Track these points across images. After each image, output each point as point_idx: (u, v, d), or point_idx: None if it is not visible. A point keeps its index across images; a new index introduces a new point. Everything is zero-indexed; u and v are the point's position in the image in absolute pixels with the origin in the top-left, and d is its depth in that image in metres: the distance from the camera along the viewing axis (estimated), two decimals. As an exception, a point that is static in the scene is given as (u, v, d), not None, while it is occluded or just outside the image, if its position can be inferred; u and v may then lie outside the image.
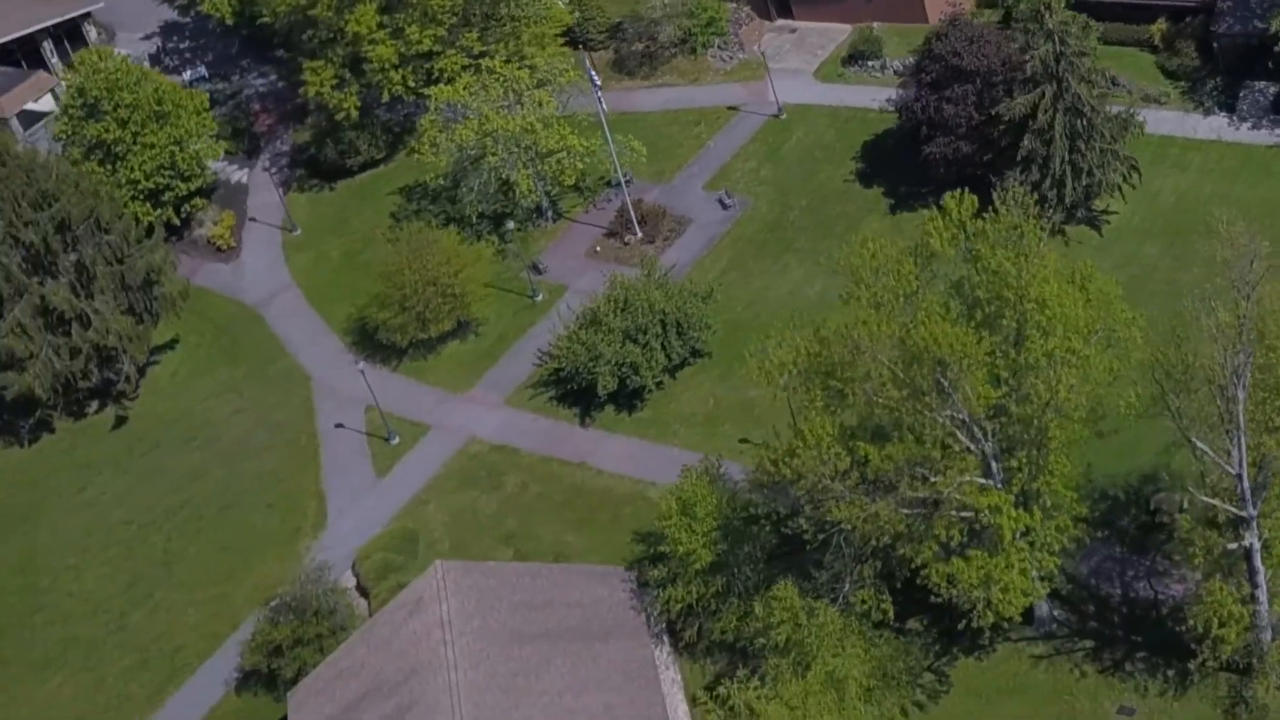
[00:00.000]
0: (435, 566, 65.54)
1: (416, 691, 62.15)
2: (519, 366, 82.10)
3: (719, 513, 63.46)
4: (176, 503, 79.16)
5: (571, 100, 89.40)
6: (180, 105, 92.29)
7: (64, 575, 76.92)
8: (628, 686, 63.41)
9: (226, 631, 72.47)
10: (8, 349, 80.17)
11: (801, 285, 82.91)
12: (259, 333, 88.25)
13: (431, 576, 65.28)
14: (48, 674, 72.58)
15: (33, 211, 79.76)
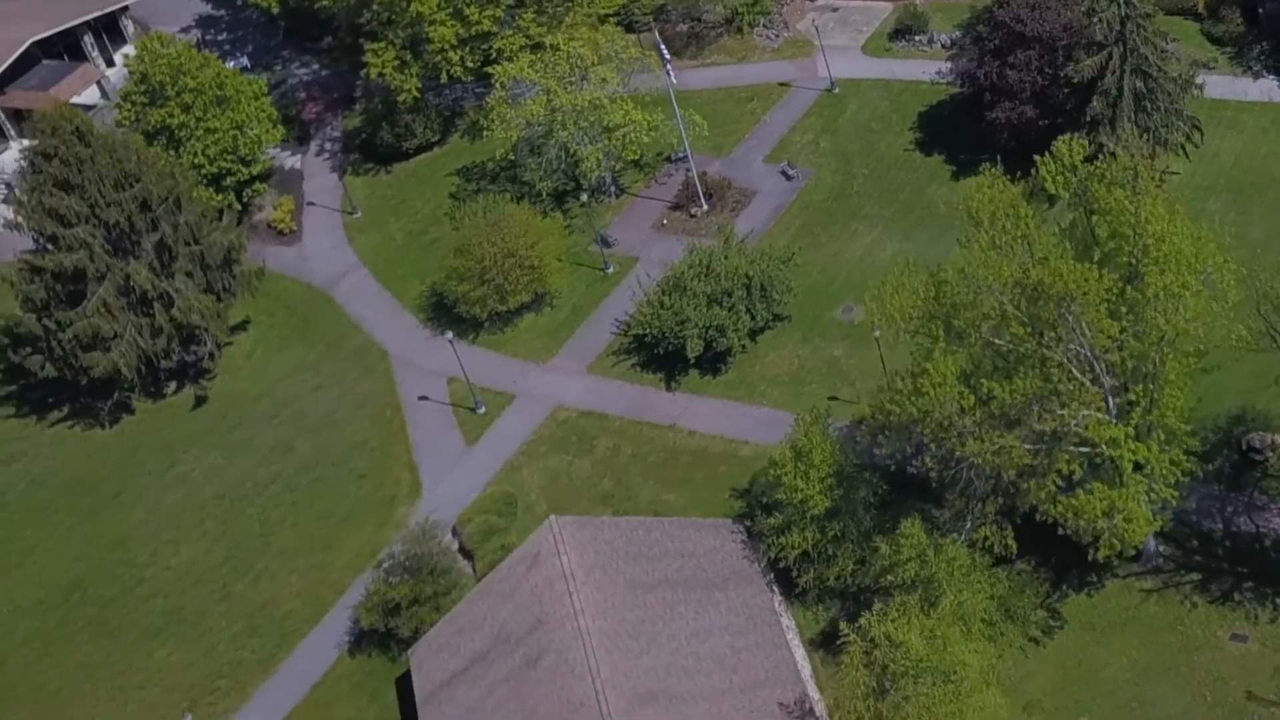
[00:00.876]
0: (550, 522, 67.49)
1: (545, 641, 64.09)
2: (597, 335, 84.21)
3: (832, 460, 65.71)
4: (267, 476, 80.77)
5: (631, 78, 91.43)
6: (240, 90, 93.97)
7: (162, 549, 78.37)
8: (751, 631, 65.59)
9: (332, 597, 74.16)
10: (93, 328, 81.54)
11: (872, 250, 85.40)
12: (330, 312, 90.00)
13: (546, 532, 67.24)
14: (156, 644, 74.08)
15: (115, 192, 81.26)
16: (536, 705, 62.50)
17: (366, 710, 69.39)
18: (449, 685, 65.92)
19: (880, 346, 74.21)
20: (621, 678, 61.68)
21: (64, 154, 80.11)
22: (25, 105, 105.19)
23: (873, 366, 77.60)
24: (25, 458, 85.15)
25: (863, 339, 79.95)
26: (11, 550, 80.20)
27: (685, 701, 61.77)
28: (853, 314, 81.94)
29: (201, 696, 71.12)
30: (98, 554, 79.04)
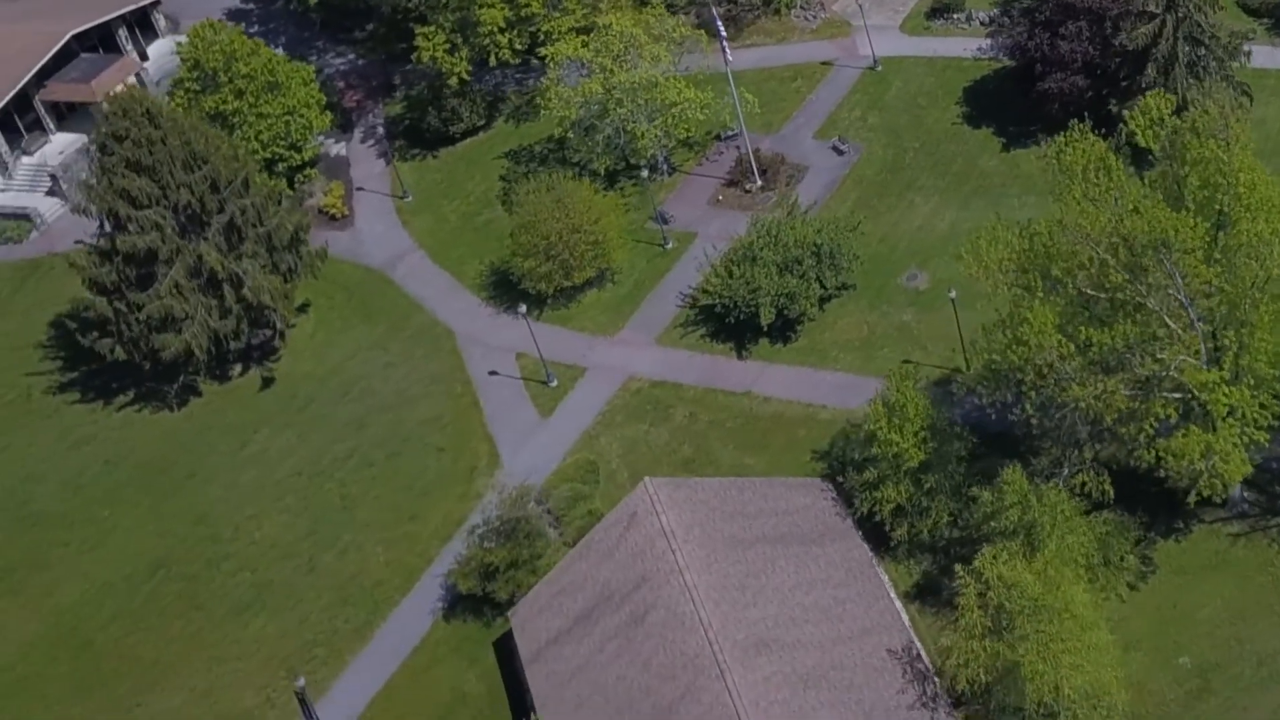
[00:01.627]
0: (645, 483, 69.40)
1: (650, 597, 65.97)
2: (663, 308, 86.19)
3: (925, 414, 67.89)
4: (343, 452, 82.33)
5: (681, 58, 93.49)
6: (291, 76, 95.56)
7: (245, 525, 79.81)
8: (851, 583, 67.68)
9: (421, 566, 75.79)
10: (166, 309, 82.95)
11: (931, 219, 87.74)
12: (390, 293, 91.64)
13: (642, 493, 69.15)
14: (248, 616, 75.50)
15: (184, 173, 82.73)
16: (649, 659, 64.33)
17: (466, 673, 70.99)
18: (554, 644, 67.64)
19: (955, 308, 76.40)
20: (732, 629, 63.61)
21: (135, 136, 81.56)
22: (66, 98, 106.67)
23: (943, 330, 79.92)
24: (96, 440, 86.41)
25: (930, 305, 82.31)
26: (92, 530, 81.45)
27: (796, 650, 63.70)
28: (918, 280, 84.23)
29: (299, 665, 72.48)
30: (179, 531, 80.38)
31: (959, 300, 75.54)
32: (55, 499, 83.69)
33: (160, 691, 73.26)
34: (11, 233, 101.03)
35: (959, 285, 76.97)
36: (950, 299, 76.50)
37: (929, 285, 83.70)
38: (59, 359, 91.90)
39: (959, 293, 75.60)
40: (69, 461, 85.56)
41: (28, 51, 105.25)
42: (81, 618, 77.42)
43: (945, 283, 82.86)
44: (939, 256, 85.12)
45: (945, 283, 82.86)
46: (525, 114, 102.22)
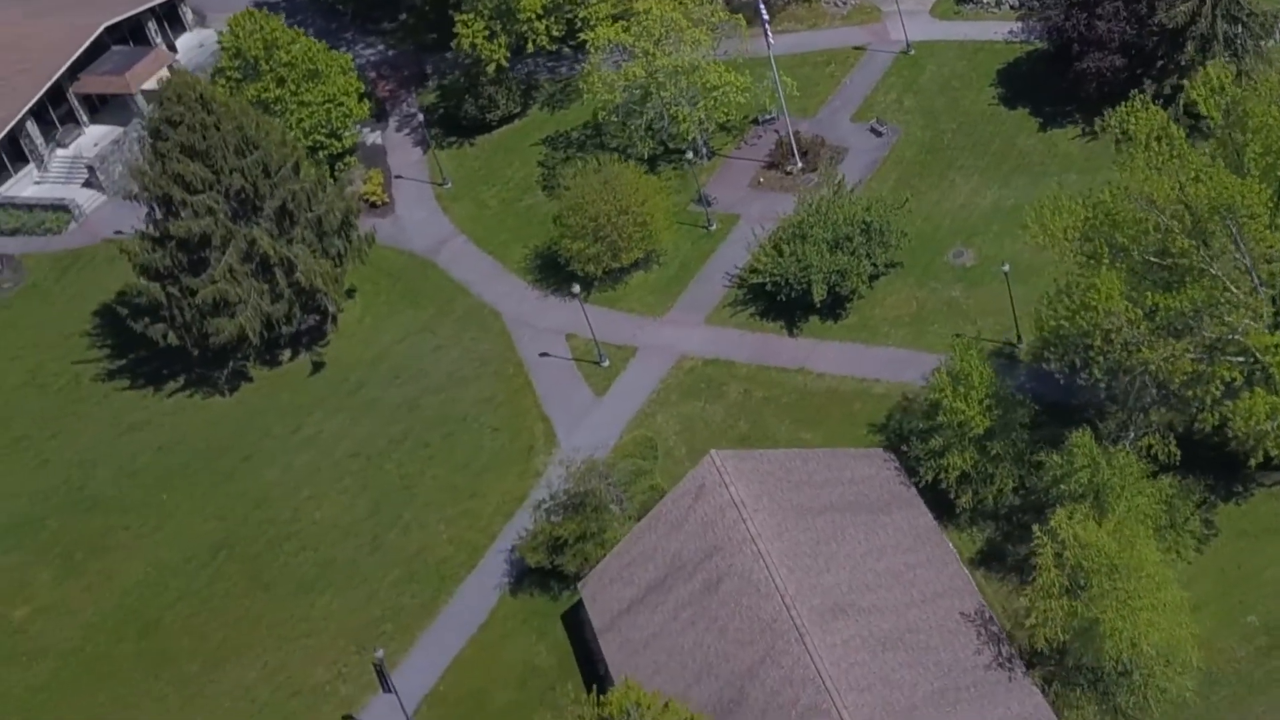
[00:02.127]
0: (711, 455, 70.75)
1: (723, 565, 67.33)
2: (710, 289, 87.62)
3: (989, 382, 69.44)
4: (398, 433, 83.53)
5: (720, 42, 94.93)
6: (330, 65, 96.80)
7: (304, 506, 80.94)
8: (919, 549, 69.16)
9: (484, 543, 77.03)
10: (220, 294, 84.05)
11: (972, 198, 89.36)
12: (435, 278, 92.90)
13: (709, 465, 70.51)
14: (314, 594, 76.65)
15: (237, 158, 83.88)
16: (725, 625, 65.67)
17: (536, 645, 72.22)
18: (627, 614, 68.94)
19: (1009, 282, 78.01)
20: (807, 594, 65.00)
21: (189, 120, 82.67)
22: (100, 90, 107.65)
23: (992, 305, 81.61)
24: (149, 426, 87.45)
25: (978, 281, 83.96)
26: (150, 514, 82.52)
27: (871, 614, 65.13)
28: (964, 258, 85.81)
29: (368, 641, 73.64)
30: (238, 513, 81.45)
31: (1008, 275, 77.20)
32: (110, 484, 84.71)
33: (230, 668, 74.30)
34: (50, 224, 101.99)
35: (1008, 261, 78.95)
36: (1003, 273, 78.11)
37: (975, 262, 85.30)
38: (106, 346, 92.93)
39: (1009, 268, 77.37)
40: (122, 447, 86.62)
41: (61, 44, 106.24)
42: (145, 599, 78.47)
43: (991, 259, 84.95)
44: (983, 234, 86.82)
45: (991, 259, 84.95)
46: (560, 101, 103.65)
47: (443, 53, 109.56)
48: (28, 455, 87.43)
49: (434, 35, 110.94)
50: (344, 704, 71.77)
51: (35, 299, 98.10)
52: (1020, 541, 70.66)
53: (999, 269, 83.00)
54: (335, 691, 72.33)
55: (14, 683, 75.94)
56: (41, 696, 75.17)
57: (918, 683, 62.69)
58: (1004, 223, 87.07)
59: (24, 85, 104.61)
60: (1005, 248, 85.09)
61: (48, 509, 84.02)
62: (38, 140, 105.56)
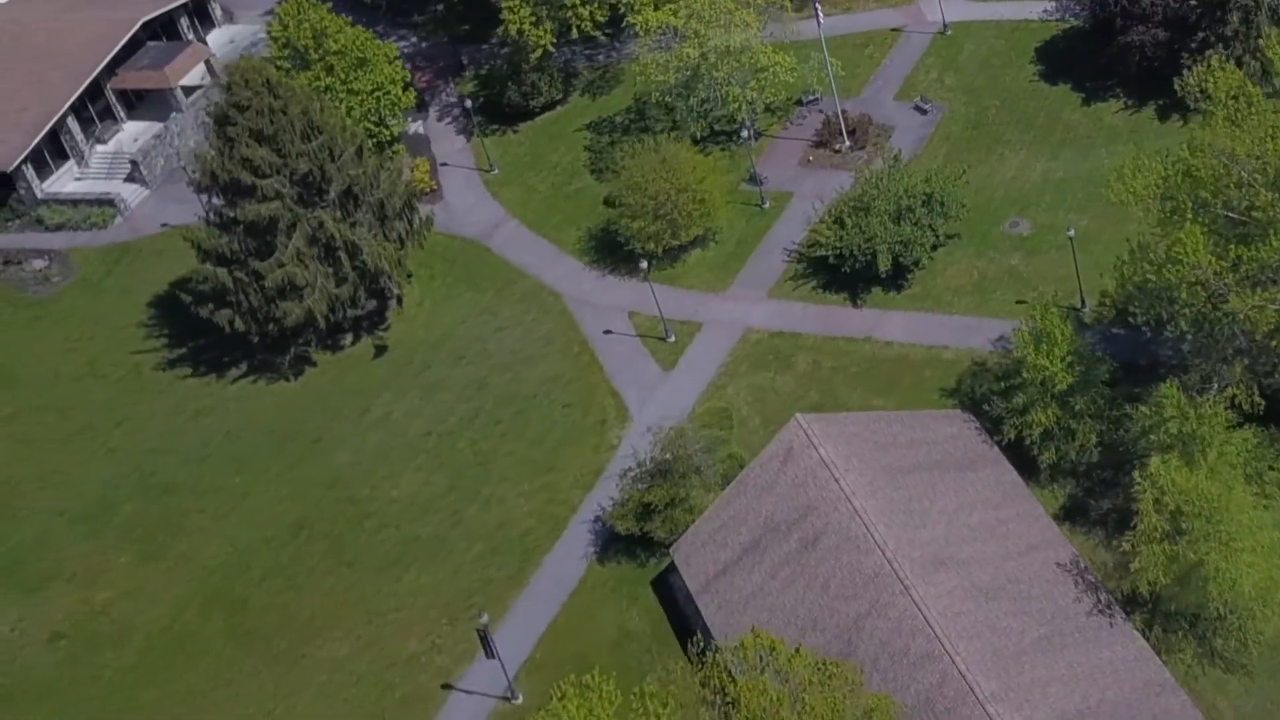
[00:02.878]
0: (796, 419, 72.65)
1: (819, 524, 69.21)
2: (770, 264, 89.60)
3: (1071, 339, 71.62)
4: (469, 412, 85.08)
5: (766, 24, 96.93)
6: (376, 53, 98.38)
7: (380, 485, 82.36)
8: (1009, 504, 71.20)
9: (566, 515, 78.64)
10: (289, 277, 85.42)
11: (1022, 170, 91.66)
12: (491, 261, 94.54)
13: (794, 429, 72.40)
14: (400, 570, 78.03)
15: (303, 142, 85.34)
16: (827, 580, 67.53)
17: (628, 611, 73.83)
18: (723, 575, 70.67)
19: (1073, 245, 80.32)
20: (906, 548, 66.92)
21: (257, 105, 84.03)
22: (138, 85, 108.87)
23: (1052, 272, 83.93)
24: (215, 412, 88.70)
25: (1035, 249, 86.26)
26: (224, 497, 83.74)
27: (970, 566, 67.09)
28: (1020, 227, 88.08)
29: (459, 613, 75.16)
30: (314, 494, 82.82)
31: (1073, 240, 79.68)
32: (181, 469, 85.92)
33: (322, 643, 75.60)
34: (96, 218, 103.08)
35: (1064, 229, 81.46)
36: (1068, 238, 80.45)
37: (1032, 231, 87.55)
38: (164, 336, 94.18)
39: (1073, 233, 79.91)
40: (189, 433, 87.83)
41: (97, 40, 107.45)
42: (229, 578, 79.69)
43: (1047, 228, 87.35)
44: (1036, 205, 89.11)
45: (1047, 228, 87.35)
46: (600, 88, 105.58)
47: (478, 44, 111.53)
48: (94, 444, 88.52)
49: (466, 27, 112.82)
50: (441, 674, 73.17)
51: (86, 292, 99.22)
52: (1101, 497, 72.96)
53: (1055, 238, 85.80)
54: (431, 662, 73.70)
55: (104, 664, 77.04)
56: (132, 677, 76.29)
57: (1023, 630, 64.65)
58: (1055, 193, 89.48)
59: (63, 81, 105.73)
60: (1060, 217, 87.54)
61: (120, 495, 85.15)
62: (78, 136, 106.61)
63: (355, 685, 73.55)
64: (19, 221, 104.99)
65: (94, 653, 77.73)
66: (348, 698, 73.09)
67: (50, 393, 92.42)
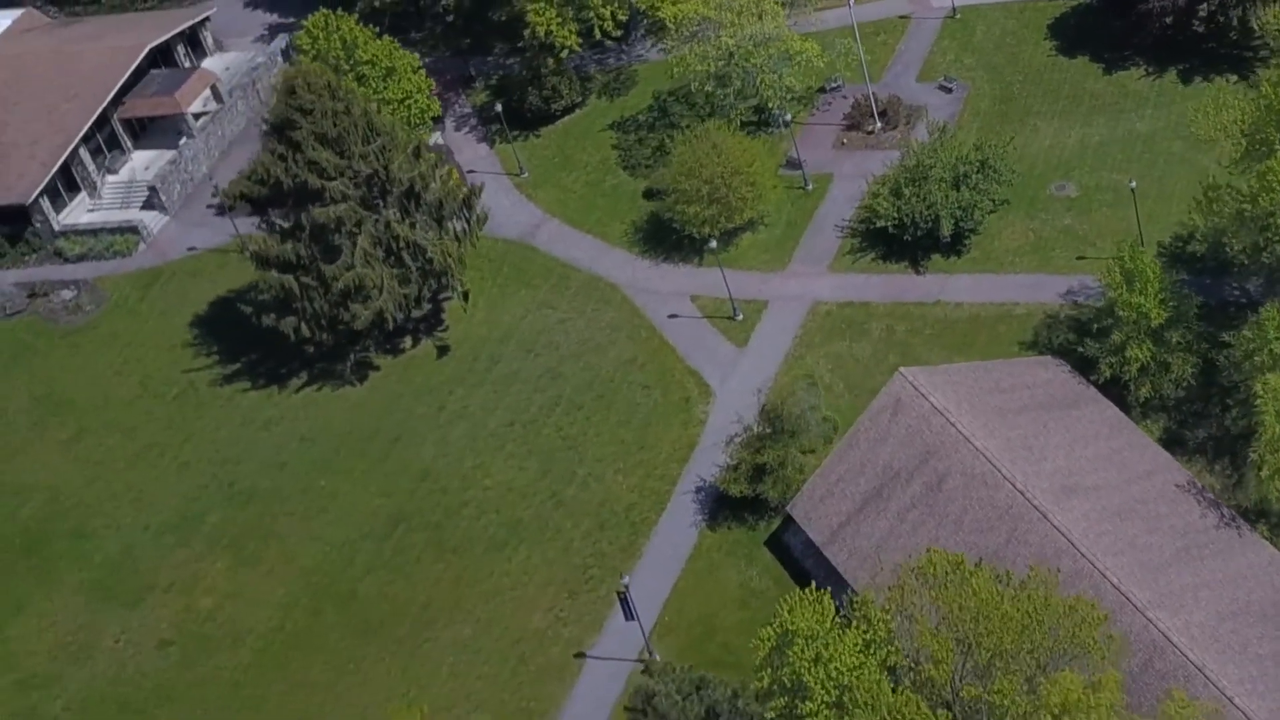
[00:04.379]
0: (901, 373, 77.42)
1: (942, 467, 73.79)
2: (825, 241, 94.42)
3: (1160, 276, 77.10)
4: (548, 400, 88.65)
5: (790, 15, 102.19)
6: (402, 62, 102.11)
7: (471, 475, 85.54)
8: (1117, 436, 76.28)
9: (666, 488, 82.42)
10: (358, 279, 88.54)
11: (1058, 139, 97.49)
12: (539, 258, 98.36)
13: (900, 382, 77.18)
14: (509, 551, 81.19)
15: (364, 145, 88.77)
16: (959, 518, 72.01)
17: (747, 571, 77.67)
18: (847, 525, 74.90)
19: (1135, 197, 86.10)
20: (1034, 480, 71.65)
21: (320, 108, 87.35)
22: (148, 112, 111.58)
23: (1107, 228, 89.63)
24: (285, 421, 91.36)
25: (1086, 209, 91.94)
26: (312, 499, 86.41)
27: (1098, 491, 71.97)
28: (1067, 189, 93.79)
29: (578, 587, 78.54)
30: (405, 488, 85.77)
31: (1135, 191, 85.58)
32: (261, 476, 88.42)
33: (441, 627, 78.45)
34: (120, 246, 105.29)
35: (1110, 187, 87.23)
36: (1130, 189, 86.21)
37: (1079, 193, 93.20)
38: (214, 354, 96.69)
39: (1135, 184, 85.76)
40: (262, 442, 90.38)
41: (103, 69, 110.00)
42: (333, 575, 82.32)
43: (1093, 189, 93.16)
44: (1078, 168, 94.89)
45: (1093, 189, 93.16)
46: (615, 89, 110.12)
47: (483, 56, 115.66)
48: (164, 460, 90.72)
49: (468, 40, 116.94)
50: (572, 644, 76.40)
51: (122, 317, 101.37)
52: (1196, 427, 78.23)
53: (1103, 196, 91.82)
54: (559, 635, 76.88)
55: (221, 664, 79.26)
56: (253, 674, 78.59)
57: (1161, 545, 69.53)
58: (1095, 157, 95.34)
59: (73, 112, 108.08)
60: (1103, 178, 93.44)
61: (203, 506, 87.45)
62: (89, 167, 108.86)
63: (485, 663, 76.49)
64: (37, 255, 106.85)
65: (207, 656, 79.91)
66: (480, 675, 76.02)
67: (108, 415, 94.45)
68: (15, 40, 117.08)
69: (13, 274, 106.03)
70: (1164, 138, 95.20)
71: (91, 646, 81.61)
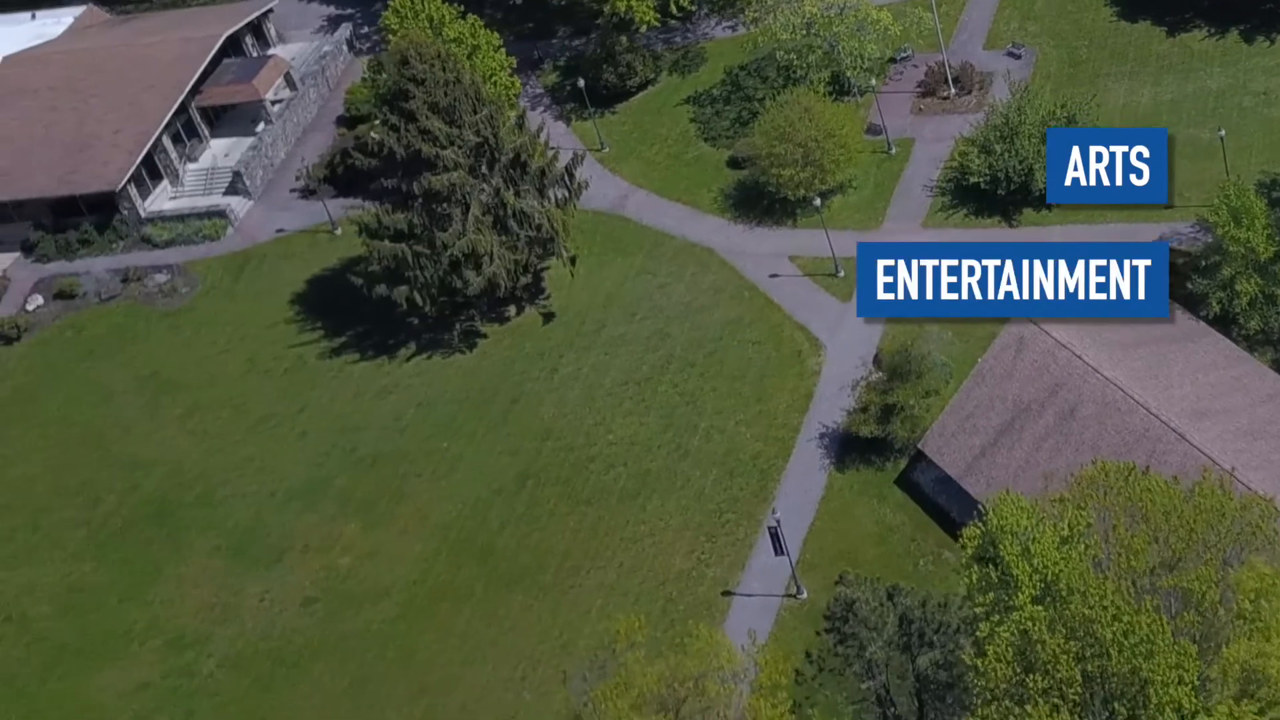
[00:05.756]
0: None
1: (1072, 398, 77.79)
2: (915, 200, 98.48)
3: (1265, 212, 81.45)
4: (660, 359, 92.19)
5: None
6: (485, 41, 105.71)
7: (593, 432, 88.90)
8: (1234, 365, 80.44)
9: (790, 436, 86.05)
10: (471, 245, 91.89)
11: (1131, 98, 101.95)
12: (630, 228, 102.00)
13: (1018, 322, 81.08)
14: (642, 500, 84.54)
15: (472, 115, 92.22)
16: (1095, 443, 75.87)
17: (880, 509, 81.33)
18: (982, 458, 78.73)
19: (1224, 145, 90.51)
20: (1165, 405, 75.71)
21: (433, 78, 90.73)
22: (226, 100, 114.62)
23: (1192, 179, 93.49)
24: (399, 389, 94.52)
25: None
26: (437, 461, 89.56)
27: (1227, 414, 76.08)
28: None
29: (716, 531, 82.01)
30: (530, 447, 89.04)
31: (1223, 140, 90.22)
32: (383, 441, 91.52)
33: (586, 574, 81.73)
34: (208, 231, 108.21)
35: (1190, 141, 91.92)
36: (1219, 138, 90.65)
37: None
38: (318, 329, 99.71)
39: (1224, 133, 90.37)
40: (379, 410, 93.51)
41: (183, 59, 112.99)
42: (469, 530, 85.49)
43: (1172, 142, 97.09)
44: (1155, 123, 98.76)
45: (1172, 142, 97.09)
46: (685, 66, 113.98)
47: (547, 40, 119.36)
48: (282, 430, 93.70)
49: (530, 25, 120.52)
50: (718, 583, 79.86)
51: (218, 299, 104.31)
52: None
53: (1184, 149, 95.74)
54: (704, 575, 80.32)
55: (369, 619, 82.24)
56: (402, 626, 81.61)
57: (1299, 462, 73.73)
58: (1170, 113, 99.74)
59: (153, 101, 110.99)
60: (1181, 132, 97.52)
61: (327, 472, 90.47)
62: (172, 155, 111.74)
63: (635, 603, 79.70)
64: (124, 243, 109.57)
65: (353, 611, 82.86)
66: (631, 614, 79.10)
67: (218, 391, 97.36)
68: (81, 36, 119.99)
69: (103, 261, 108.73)
70: (1234, 93, 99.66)
71: (235, 607, 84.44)
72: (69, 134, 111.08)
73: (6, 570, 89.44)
